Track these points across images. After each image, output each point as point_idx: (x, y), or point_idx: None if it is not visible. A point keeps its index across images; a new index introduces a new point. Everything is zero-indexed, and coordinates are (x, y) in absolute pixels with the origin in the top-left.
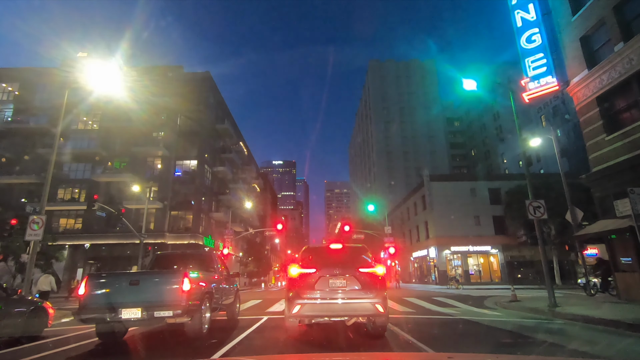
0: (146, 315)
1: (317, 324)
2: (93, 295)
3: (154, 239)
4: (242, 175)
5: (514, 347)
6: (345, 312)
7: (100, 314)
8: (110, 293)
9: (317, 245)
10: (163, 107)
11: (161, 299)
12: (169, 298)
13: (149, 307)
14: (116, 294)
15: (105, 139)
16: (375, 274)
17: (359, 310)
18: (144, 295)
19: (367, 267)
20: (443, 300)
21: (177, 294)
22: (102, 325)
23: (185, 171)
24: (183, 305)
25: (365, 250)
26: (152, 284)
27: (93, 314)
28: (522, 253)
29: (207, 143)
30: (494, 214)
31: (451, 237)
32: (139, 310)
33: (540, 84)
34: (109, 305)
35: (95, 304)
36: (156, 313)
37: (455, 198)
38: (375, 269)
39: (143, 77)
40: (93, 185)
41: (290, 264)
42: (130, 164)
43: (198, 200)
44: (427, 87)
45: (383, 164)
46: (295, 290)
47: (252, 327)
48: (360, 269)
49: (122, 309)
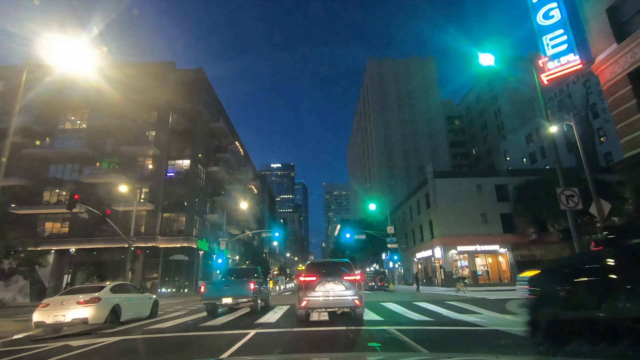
0: (234, 301)
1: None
2: (208, 291)
3: (144, 243)
4: (239, 176)
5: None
6: (335, 305)
7: (212, 300)
8: (216, 290)
9: (317, 261)
10: (154, 105)
11: (241, 293)
12: (245, 292)
13: (235, 297)
14: (219, 290)
15: (93, 138)
16: (354, 279)
17: (344, 303)
18: (232, 291)
19: (349, 275)
20: (458, 305)
21: (248, 290)
22: (211, 305)
23: (177, 171)
24: (251, 296)
25: (348, 263)
26: (237, 285)
27: (208, 300)
28: (532, 252)
29: (201, 142)
30: (501, 212)
31: (457, 236)
32: (230, 298)
33: (561, 62)
34: (216, 296)
35: (209, 295)
36: (239, 299)
37: (461, 195)
38: (354, 276)
39: (133, 73)
40: (80, 187)
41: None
42: (120, 164)
43: (191, 202)
44: (427, 84)
45: (383, 163)
46: (303, 291)
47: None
48: (344, 277)
49: (222, 297)
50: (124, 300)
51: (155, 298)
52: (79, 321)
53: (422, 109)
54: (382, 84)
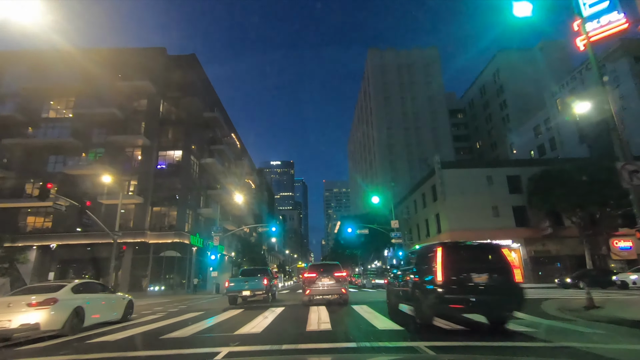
0: (251, 293)
1: None
2: (231, 286)
3: (132, 238)
4: (235, 169)
5: None
6: (329, 292)
7: (235, 292)
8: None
9: (316, 263)
10: (144, 92)
11: (257, 287)
12: (260, 286)
13: (252, 290)
14: (240, 285)
15: (79, 127)
16: (342, 276)
17: (335, 292)
18: (250, 286)
19: (338, 272)
20: None
21: (262, 285)
22: (233, 296)
23: (169, 163)
24: (265, 290)
25: (337, 265)
26: (253, 281)
27: (232, 293)
28: (546, 247)
29: (194, 133)
30: (513, 204)
31: (467, 231)
32: (249, 291)
33: (601, 23)
34: (237, 289)
35: (232, 289)
36: (256, 292)
37: (470, 187)
38: (342, 273)
39: (121, 59)
40: (65, 179)
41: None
42: (107, 154)
43: (184, 195)
44: (430, 75)
45: (385, 157)
46: (307, 284)
47: None
48: (335, 273)
49: (242, 290)
50: (90, 301)
51: (129, 298)
52: (27, 327)
53: (425, 101)
54: (384, 75)
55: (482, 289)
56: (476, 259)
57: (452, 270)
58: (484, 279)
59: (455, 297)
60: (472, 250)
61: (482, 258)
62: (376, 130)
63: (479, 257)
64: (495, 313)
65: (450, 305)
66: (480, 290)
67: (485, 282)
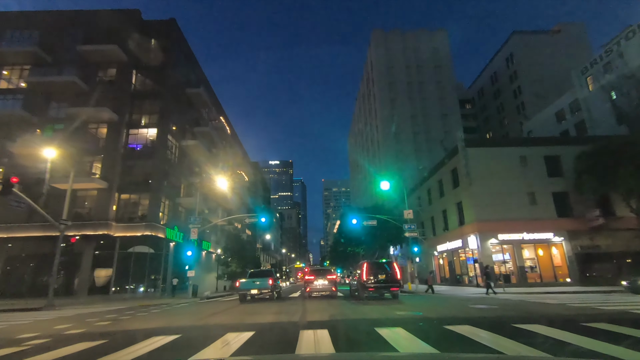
0: (259, 292)
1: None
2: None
3: (93, 230)
4: (225, 156)
5: None
6: (323, 290)
7: (244, 291)
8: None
9: (314, 267)
10: (112, 59)
11: (263, 286)
12: (266, 286)
13: (260, 289)
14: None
15: (33, 99)
16: (333, 278)
17: (327, 290)
18: (258, 285)
19: (330, 275)
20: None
21: (268, 285)
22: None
23: (141, 143)
24: (270, 288)
25: (330, 269)
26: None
27: (242, 291)
28: (595, 242)
29: (174, 110)
30: (553, 190)
31: (497, 222)
32: (257, 290)
33: None
34: (247, 288)
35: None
36: (262, 291)
37: (500, 170)
38: (333, 276)
39: (86, 21)
40: (13, 159)
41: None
42: (65, 131)
43: (158, 181)
44: (439, 59)
45: (390, 146)
46: (306, 283)
47: None
48: (328, 276)
49: (251, 289)
50: None
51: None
52: None
53: (433, 87)
54: (389, 59)
55: (381, 280)
56: (380, 267)
57: (369, 273)
58: (382, 276)
59: (371, 284)
60: (379, 264)
61: (382, 267)
62: (380, 118)
63: (381, 266)
64: (386, 291)
65: (369, 289)
66: (381, 281)
67: (383, 278)
